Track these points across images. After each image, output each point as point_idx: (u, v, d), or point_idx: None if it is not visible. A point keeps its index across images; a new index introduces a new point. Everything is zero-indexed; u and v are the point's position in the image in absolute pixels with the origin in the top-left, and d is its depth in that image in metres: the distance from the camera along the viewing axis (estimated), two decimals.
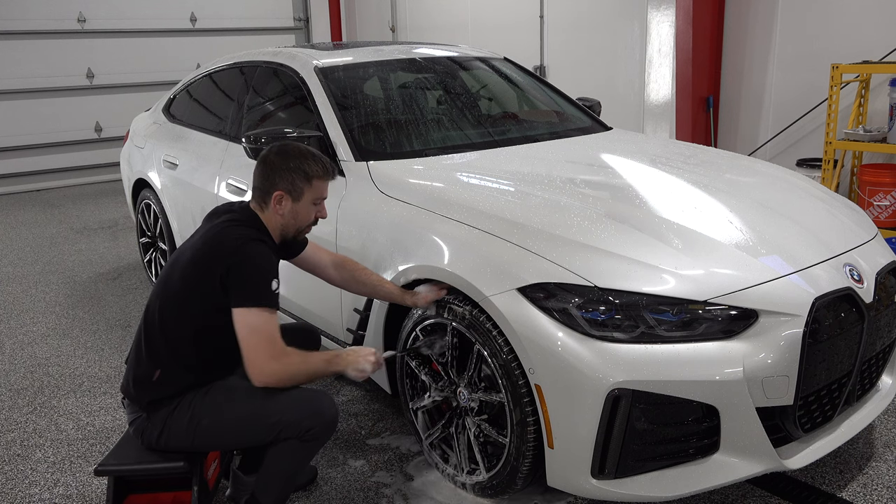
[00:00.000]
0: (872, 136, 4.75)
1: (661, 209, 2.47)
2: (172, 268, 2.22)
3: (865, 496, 2.46)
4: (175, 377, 2.17)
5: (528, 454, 2.25)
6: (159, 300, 2.20)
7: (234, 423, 2.16)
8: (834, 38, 5.40)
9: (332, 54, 3.65)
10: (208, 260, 2.12)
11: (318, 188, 2.27)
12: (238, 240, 2.12)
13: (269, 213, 2.25)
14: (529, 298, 2.15)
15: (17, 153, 8.49)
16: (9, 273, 5.37)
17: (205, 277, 2.11)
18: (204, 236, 2.19)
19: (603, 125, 3.77)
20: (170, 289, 2.19)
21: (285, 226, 2.27)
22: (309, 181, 2.24)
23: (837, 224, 2.63)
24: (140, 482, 2.26)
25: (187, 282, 2.15)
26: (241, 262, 2.08)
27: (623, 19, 6.72)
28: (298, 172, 2.22)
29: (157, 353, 2.17)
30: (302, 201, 2.25)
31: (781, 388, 2.08)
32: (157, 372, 2.16)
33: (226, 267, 2.07)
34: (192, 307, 2.14)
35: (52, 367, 3.72)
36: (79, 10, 8.57)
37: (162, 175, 4.38)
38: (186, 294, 2.15)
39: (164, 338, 2.16)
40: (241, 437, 2.20)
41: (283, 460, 2.19)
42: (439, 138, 3.29)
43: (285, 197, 2.23)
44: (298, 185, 2.23)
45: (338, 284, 2.60)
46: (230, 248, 2.10)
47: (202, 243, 2.17)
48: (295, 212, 2.25)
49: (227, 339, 2.13)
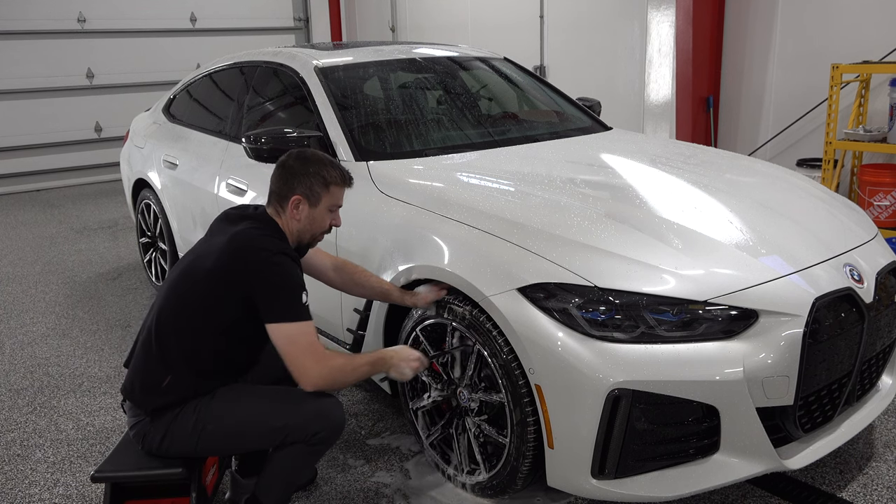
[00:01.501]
0: (872, 136, 4.75)
1: (661, 209, 2.47)
2: (189, 275, 2.18)
3: (865, 496, 2.46)
4: (185, 383, 2.14)
5: (529, 454, 2.25)
6: (174, 307, 2.16)
7: (241, 427, 2.14)
8: (834, 38, 5.40)
9: (332, 54, 3.65)
10: (234, 273, 2.09)
11: (335, 195, 2.28)
12: (264, 253, 2.10)
13: (286, 218, 2.24)
14: (529, 298, 2.15)
15: (17, 153, 8.49)
16: (9, 273, 5.37)
17: (229, 289, 2.09)
18: (227, 246, 2.12)
19: (603, 125, 3.77)
20: (187, 295, 2.15)
21: (301, 231, 2.27)
22: (327, 187, 2.25)
23: (837, 224, 2.63)
24: (137, 488, 2.23)
25: (209, 291, 2.12)
26: (270, 279, 2.07)
27: (623, 19, 6.72)
28: (317, 178, 2.23)
29: (170, 359, 2.14)
30: (319, 207, 2.25)
31: (781, 388, 2.08)
32: (167, 378, 2.13)
33: (253, 282, 2.07)
34: (212, 314, 2.12)
35: (52, 367, 3.72)
36: (79, 10, 8.57)
37: (162, 175, 4.38)
38: (206, 302, 2.12)
39: (180, 345, 2.14)
40: (247, 442, 2.18)
41: (287, 463, 2.18)
42: (439, 138, 3.29)
43: (303, 202, 2.23)
44: (316, 190, 2.23)
45: (338, 287, 2.60)
46: (257, 262, 2.08)
47: (226, 255, 2.11)
48: (311, 217, 2.26)
49: (245, 344, 2.15)
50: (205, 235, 2.31)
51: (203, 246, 2.24)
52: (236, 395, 2.18)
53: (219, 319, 2.13)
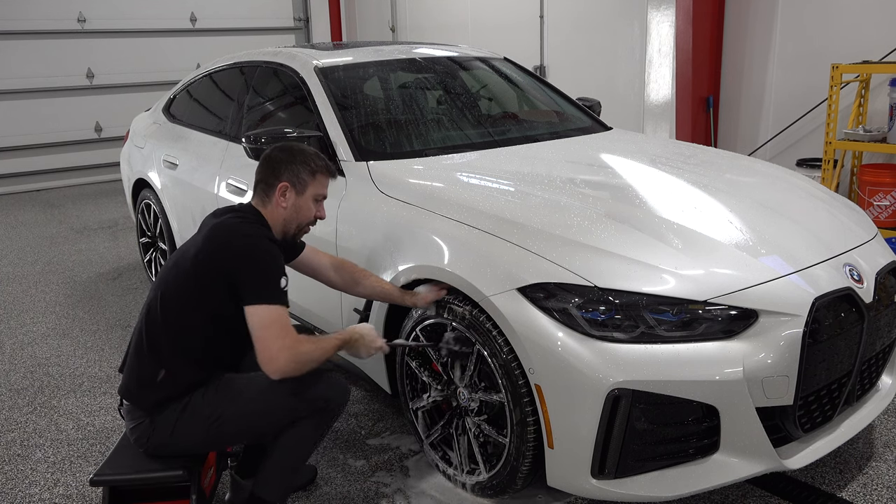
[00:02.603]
0: (872, 136, 4.75)
1: (660, 209, 2.47)
2: (175, 266, 2.21)
3: (865, 496, 2.46)
4: (181, 375, 2.16)
5: (528, 454, 2.25)
6: (162, 298, 2.19)
7: (256, 405, 2.15)
8: (834, 38, 5.40)
9: (332, 54, 3.65)
10: (215, 258, 2.12)
11: (320, 183, 2.32)
12: (246, 237, 2.14)
13: (272, 207, 2.27)
14: (529, 298, 2.15)
15: (17, 153, 8.49)
16: (9, 273, 5.37)
17: (211, 274, 2.12)
18: (209, 233, 2.18)
19: (603, 125, 3.77)
20: (173, 286, 2.18)
21: (287, 220, 2.29)
22: (313, 175, 2.30)
23: (837, 224, 2.63)
24: (136, 492, 2.22)
25: (193, 279, 2.15)
26: (251, 261, 2.10)
27: (623, 19, 6.72)
28: (304, 166, 2.29)
29: (161, 351, 2.16)
30: (305, 195, 2.29)
31: (781, 388, 2.08)
32: (161, 371, 2.14)
33: (235, 265, 2.09)
34: (199, 303, 2.15)
35: (52, 367, 3.72)
36: (79, 10, 8.57)
37: (162, 175, 4.38)
38: (192, 291, 2.15)
39: (169, 335, 2.16)
40: (263, 420, 2.18)
41: (291, 447, 2.21)
42: (439, 138, 3.29)
43: (289, 189, 2.26)
44: (303, 177, 2.28)
45: (338, 287, 2.60)
46: (239, 246, 2.12)
47: (207, 241, 2.16)
48: (297, 206, 2.29)
49: (234, 333, 2.15)
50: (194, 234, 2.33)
51: (189, 241, 2.28)
52: (246, 379, 2.21)
53: (205, 308, 2.15)
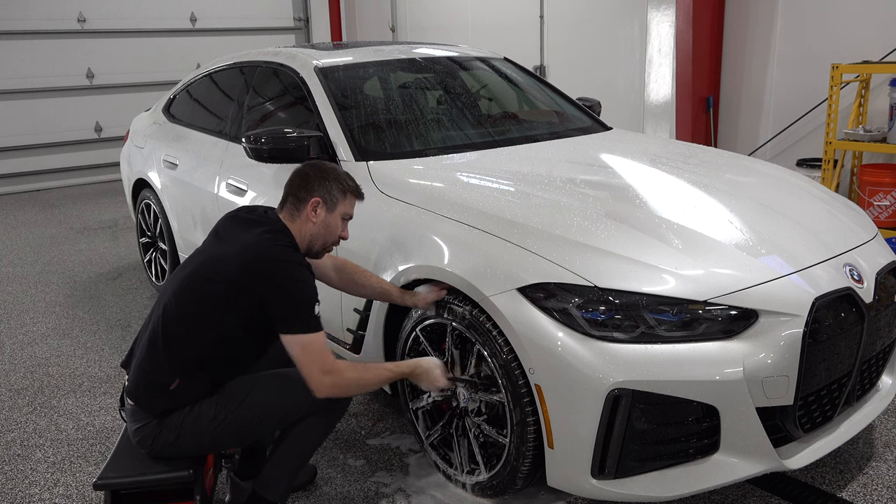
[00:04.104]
0: (872, 136, 4.75)
1: (661, 209, 2.47)
2: (200, 279, 2.17)
3: (865, 496, 2.46)
4: (194, 385, 2.16)
5: (528, 454, 2.25)
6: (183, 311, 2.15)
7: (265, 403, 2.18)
8: (834, 38, 5.40)
9: (332, 54, 3.65)
10: (253, 285, 2.10)
11: (350, 203, 2.34)
12: (284, 264, 2.12)
13: (301, 222, 2.26)
14: (529, 298, 2.15)
15: (17, 153, 8.49)
16: (9, 273, 5.37)
17: (244, 297, 2.11)
18: (242, 255, 2.12)
19: (603, 125, 3.77)
20: (198, 302, 2.15)
21: (314, 235, 2.28)
22: (344, 194, 2.31)
23: (837, 224, 2.63)
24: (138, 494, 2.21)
25: (223, 299, 2.13)
26: (287, 294, 2.09)
27: (623, 19, 6.72)
28: (336, 183, 2.30)
29: (179, 363, 2.14)
30: (335, 213, 2.30)
31: (781, 388, 2.08)
32: (176, 380, 2.13)
33: (270, 294, 2.09)
34: (226, 323, 2.14)
35: (52, 367, 3.72)
36: (79, 10, 8.56)
37: (162, 175, 4.38)
38: (222, 310, 2.13)
39: (189, 349, 2.14)
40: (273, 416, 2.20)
41: (296, 444, 2.22)
42: (439, 138, 3.29)
43: (321, 205, 2.27)
44: (335, 195, 2.29)
45: (338, 287, 2.60)
46: (278, 277, 2.09)
47: (241, 264, 2.10)
48: (327, 223, 2.29)
49: (254, 347, 2.22)
50: (211, 236, 2.31)
51: (214, 249, 2.23)
52: (253, 380, 2.23)
53: (231, 325, 2.15)
